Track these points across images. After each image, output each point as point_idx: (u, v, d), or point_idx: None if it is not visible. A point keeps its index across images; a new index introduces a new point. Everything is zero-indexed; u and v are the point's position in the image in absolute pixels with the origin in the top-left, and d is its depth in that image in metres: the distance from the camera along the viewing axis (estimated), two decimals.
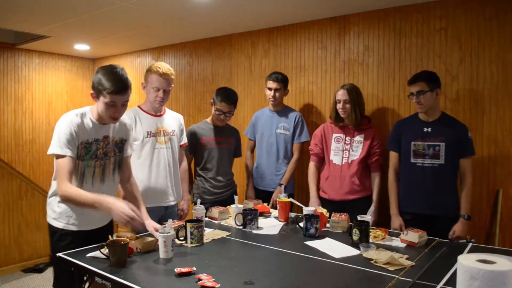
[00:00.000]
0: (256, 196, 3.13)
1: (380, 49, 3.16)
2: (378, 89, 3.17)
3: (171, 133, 2.60)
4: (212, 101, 2.92)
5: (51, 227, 2.02)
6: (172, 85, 2.52)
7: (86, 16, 3.46)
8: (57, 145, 1.85)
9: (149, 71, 2.47)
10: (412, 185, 2.55)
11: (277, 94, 3.10)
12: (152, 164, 2.51)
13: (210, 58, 4.28)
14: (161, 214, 2.53)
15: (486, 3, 2.70)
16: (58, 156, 1.86)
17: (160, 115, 2.57)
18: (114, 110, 1.90)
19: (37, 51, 5.06)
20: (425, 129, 2.51)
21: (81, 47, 4.82)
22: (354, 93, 2.76)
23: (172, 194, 2.60)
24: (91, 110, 1.98)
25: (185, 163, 2.81)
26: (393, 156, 2.68)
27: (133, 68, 5.03)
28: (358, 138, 2.80)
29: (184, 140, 2.76)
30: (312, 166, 2.97)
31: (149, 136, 2.50)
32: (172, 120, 2.65)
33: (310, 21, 3.53)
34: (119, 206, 1.76)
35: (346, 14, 3.31)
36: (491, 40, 2.69)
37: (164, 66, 2.45)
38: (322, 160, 2.94)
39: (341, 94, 2.77)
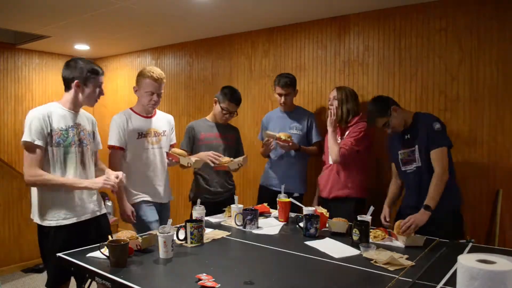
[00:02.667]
0: (268, 196, 3.06)
1: (380, 49, 3.16)
2: (378, 89, 3.16)
3: (162, 134, 2.71)
4: (216, 99, 2.92)
5: (42, 227, 2.09)
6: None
7: (86, 16, 3.46)
8: (27, 134, 1.99)
9: (141, 76, 2.56)
10: (407, 191, 2.60)
11: (287, 99, 3.10)
12: (143, 163, 2.61)
13: (210, 58, 4.28)
14: (158, 210, 2.66)
15: (486, 3, 2.70)
16: (28, 145, 1.98)
17: (151, 117, 2.68)
18: (101, 90, 2.19)
19: (37, 51, 5.06)
20: (406, 137, 2.51)
21: (81, 47, 4.82)
22: (343, 92, 2.89)
23: (162, 192, 2.69)
24: (60, 102, 2.16)
25: None
26: (392, 166, 2.71)
27: (133, 68, 5.03)
28: (345, 136, 2.87)
29: (174, 140, 2.86)
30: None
31: (140, 136, 2.60)
32: (163, 121, 2.76)
33: (310, 21, 3.53)
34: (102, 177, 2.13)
35: (346, 14, 3.31)
36: (491, 40, 2.69)
37: (157, 70, 2.56)
38: None
39: (332, 94, 2.92)
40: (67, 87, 2.16)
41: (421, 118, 2.50)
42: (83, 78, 2.11)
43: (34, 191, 2.10)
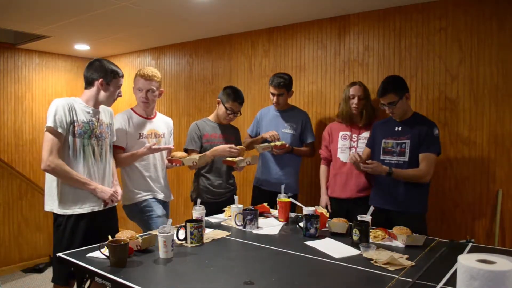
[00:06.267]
0: (261, 197, 3.07)
1: (380, 49, 3.16)
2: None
3: (161, 136, 2.74)
4: (219, 100, 2.92)
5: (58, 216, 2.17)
6: (159, 88, 2.66)
7: (86, 16, 3.46)
8: (51, 120, 2.07)
9: (136, 75, 2.64)
10: (378, 181, 2.61)
11: (280, 99, 3.08)
12: (144, 164, 2.62)
13: (210, 58, 4.28)
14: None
15: (486, 3, 2.70)
16: (51, 131, 2.06)
17: (151, 118, 2.71)
18: (120, 92, 2.34)
19: (37, 51, 5.06)
20: (396, 128, 2.56)
21: (81, 47, 4.82)
22: (366, 89, 2.85)
23: (161, 192, 2.69)
24: (81, 98, 2.25)
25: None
26: (365, 150, 2.75)
27: (133, 68, 5.03)
28: (365, 134, 2.83)
29: (172, 142, 2.88)
30: (323, 167, 3.05)
31: (141, 137, 2.62)
32: (162, 123, 2.79)
33: (310, 21, 3.53)
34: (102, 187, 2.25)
35: (346, 14, 3.31)
36: (491, 40, 2.69)
37: (150, 69, 2.64)
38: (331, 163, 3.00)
39: (356, 90, 2.83)
40: (90, 85, 2.25)
41: (423, 119, 2.56)
42: (107, 78, 2.23)
43: (52, 181, 2.16)
